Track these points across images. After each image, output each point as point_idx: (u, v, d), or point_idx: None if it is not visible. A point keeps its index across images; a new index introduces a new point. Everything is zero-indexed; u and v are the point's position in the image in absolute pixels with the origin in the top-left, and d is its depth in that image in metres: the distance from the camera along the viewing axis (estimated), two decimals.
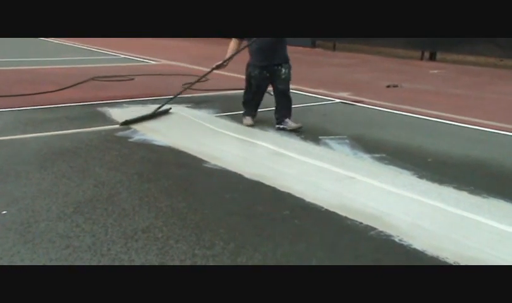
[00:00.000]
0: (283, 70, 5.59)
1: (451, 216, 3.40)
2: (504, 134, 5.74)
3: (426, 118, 6.56)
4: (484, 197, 3.72)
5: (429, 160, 4.65)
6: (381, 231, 3.13)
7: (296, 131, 5.48)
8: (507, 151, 5.09)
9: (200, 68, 10.58)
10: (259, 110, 6.02)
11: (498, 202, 3.63)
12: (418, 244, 2.97)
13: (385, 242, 3.02)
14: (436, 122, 6.39)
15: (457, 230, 3.19)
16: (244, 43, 5.64)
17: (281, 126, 5.62)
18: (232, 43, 5.66)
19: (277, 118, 5.70)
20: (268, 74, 5.60)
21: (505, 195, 3.73)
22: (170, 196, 3.60)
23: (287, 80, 5.65)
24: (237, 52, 5.67)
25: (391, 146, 5.03)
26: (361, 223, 3.25)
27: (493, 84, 9.96)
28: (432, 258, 2.82)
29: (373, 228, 3.17)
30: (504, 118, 6.40)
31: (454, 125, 6.23)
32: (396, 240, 3.03)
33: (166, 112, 6.11)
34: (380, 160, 4.60)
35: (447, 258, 2.82)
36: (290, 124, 5.59)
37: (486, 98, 8.39)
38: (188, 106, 6.65)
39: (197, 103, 6.89)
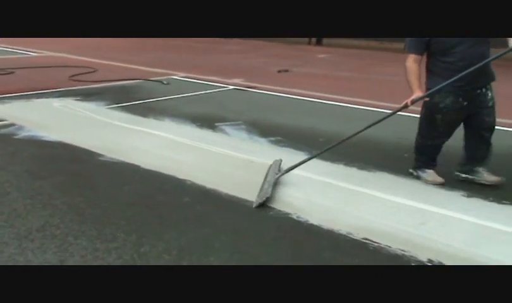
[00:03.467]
0: (489, 94, 3.64)
1: (343, 190, 3.61)
2: (388, 113, 6.15)
3: (316, 100, 6.87)
4: (371, 172, 3.99)
5: (321, 140, 4.89)
6: (280, 210, 3.25)
7: (493, 185, 3.70)
8: (391, 130, 5.46)
9: (87, 59, 10.18)
10: (152, 99, 5.90)
11: (383, 176, 3.92)
12: (315, 219, 3.13)
13: (284, 220, 3.14)
14: (326, 104, 6.71)
15: (349, 203, 3.40)
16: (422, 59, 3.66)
17: (470, 178, 3.78)
18: (412, 63, 3.59)
19: (464, 165, 3.84)
20: (465, 103, 3.60)
21: (389, 168, 4.04)
22: (66, 192, 3.46)
23: (494, 109, 3.70)
24: (450, 80, 3.45)
25: (285, 129, 5.22)
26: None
27: (377, 66, 10.62)
28: (328, 231, 2.99)
29: (272, 208, 3.28)
30: (388, 99, 6.85)
31: (342, 106, 6.59)
32: (294, 217, 3.17)
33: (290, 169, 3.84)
34: (275, 142, 4.76)
35: (340, 230, 3.00)
36: (486, 176, 3.75)
37: (372, 80, 8.94)
38: (76, 99, 6.38)
39: (86, 96, 6.63)
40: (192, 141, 4.72)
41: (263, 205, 3.28)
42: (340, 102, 6.74)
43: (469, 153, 3.80)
